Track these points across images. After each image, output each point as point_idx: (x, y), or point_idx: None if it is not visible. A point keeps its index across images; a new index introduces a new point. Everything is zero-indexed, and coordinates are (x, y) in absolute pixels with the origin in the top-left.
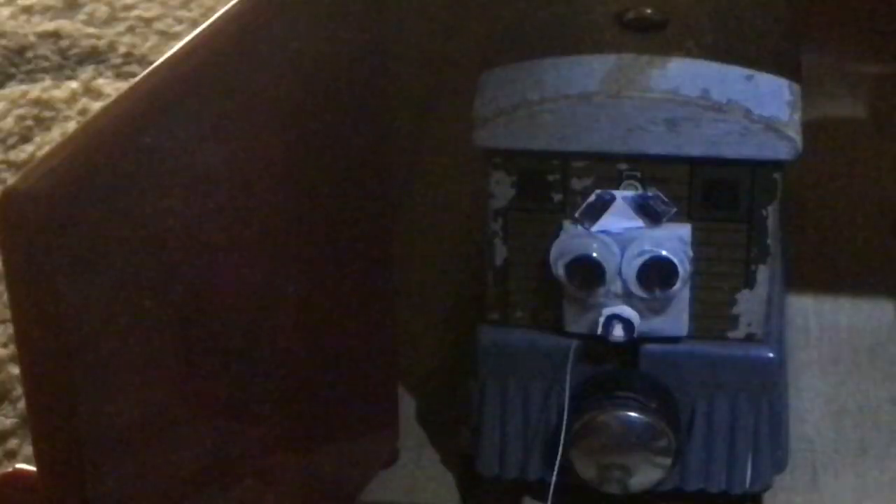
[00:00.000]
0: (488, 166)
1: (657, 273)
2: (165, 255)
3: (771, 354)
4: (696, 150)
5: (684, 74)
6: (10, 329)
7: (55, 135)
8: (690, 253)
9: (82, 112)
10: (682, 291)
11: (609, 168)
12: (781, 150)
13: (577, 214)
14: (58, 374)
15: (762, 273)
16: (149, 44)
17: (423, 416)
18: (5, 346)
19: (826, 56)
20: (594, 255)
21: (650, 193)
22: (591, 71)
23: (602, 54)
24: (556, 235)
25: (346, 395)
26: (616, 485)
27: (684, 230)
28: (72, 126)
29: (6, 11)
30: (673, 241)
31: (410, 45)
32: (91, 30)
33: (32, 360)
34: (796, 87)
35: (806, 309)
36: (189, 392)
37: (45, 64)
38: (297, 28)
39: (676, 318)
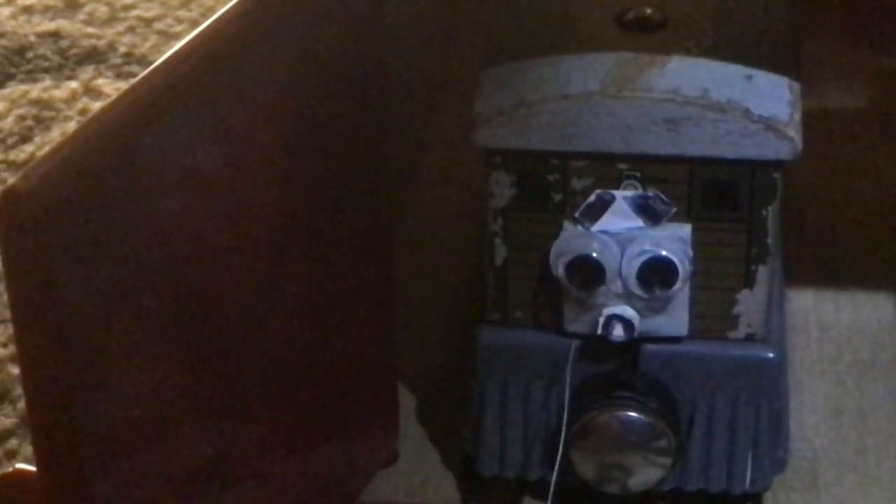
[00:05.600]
0: (488, 166)
1: (657, 273)
2: (165, 255)
3: (771, 354)
4: (695, 150)
5: (684, 74)
6: (10, 329)
7: (55, 135)
8: (690, 253)
9: (82, 112)
10: (682, 291)
11: (609, 168)
12: (781, 150)
13: (577, 214)
14: (58, 374)
15: (762, 273)
16: (149, 44)
17: (423, 416)
18: (5, 346)
19: (827, 52)
20: (594, 255)
21: (650, 193)
22: (591, 71)
23: (602, 54)
24: (556, 235)
25: (346, 394)
26: (616, 485)
27: (684, 230)
28: (72, 126)
29: (6, 11)
30: (673, 241)
31: (410, 44)
32: (91, 30)
33: (32, 360)
34: (796, 86)
35: (806, 309)
36: (189, 392)
37: (45, 64)
38: (296, 28)
39: (676, 318)
